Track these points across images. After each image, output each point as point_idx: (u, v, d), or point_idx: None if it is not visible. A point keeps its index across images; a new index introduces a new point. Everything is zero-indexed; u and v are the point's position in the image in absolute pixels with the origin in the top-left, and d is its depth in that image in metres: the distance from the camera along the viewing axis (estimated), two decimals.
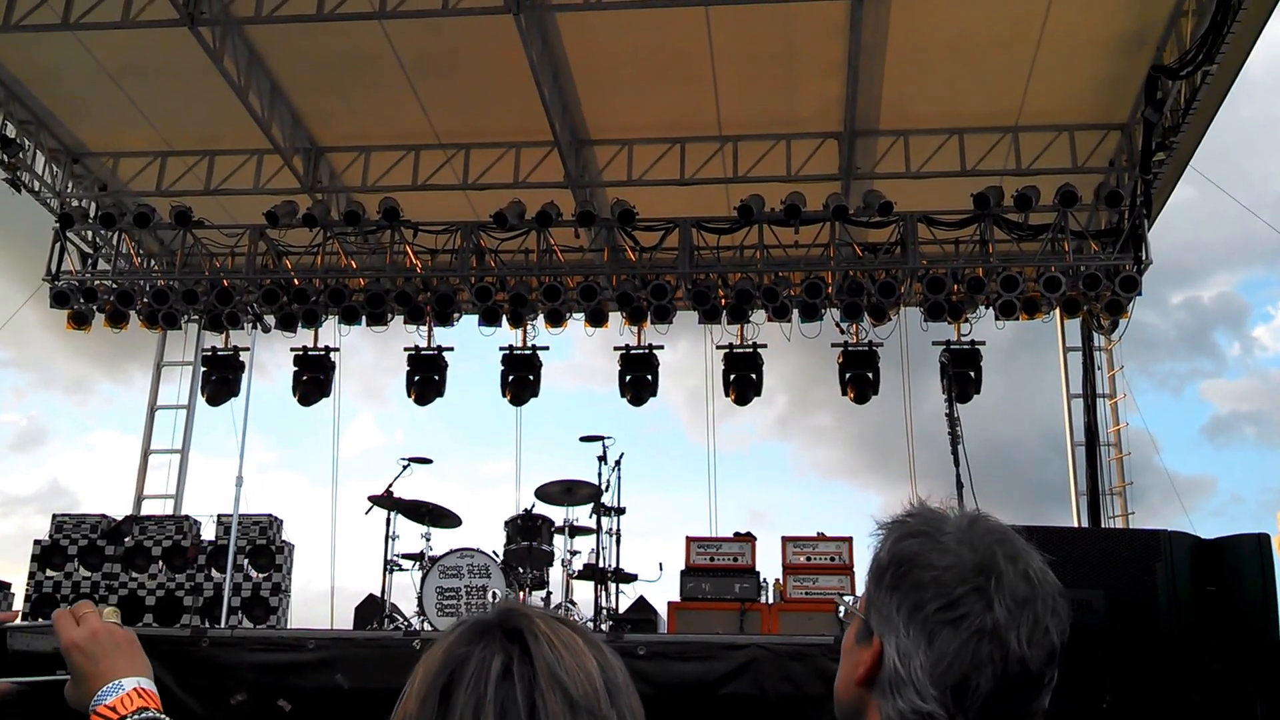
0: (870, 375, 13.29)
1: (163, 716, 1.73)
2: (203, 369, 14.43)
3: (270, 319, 13.86)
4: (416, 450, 12.92)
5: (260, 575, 12.37)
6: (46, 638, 1.97)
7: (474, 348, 13.84)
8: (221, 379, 14.05)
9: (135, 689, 1.76)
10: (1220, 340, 29.38)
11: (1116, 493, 13.82)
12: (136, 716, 1.72)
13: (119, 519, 12.76)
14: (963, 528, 1.69)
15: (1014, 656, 1.58)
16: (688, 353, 14.52)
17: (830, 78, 12.53)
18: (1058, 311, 13.43)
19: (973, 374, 13.04)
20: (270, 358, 14.27)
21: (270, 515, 12.65)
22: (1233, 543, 4.74)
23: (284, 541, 12.62)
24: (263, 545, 12.45)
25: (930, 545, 1.68)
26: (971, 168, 12.96)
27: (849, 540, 11.23)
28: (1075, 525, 13.31)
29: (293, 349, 14.06)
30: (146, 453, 15.49)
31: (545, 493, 11.66)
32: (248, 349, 13.66)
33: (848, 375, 13.33)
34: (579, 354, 16.30)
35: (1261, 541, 4.54)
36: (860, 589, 1.78)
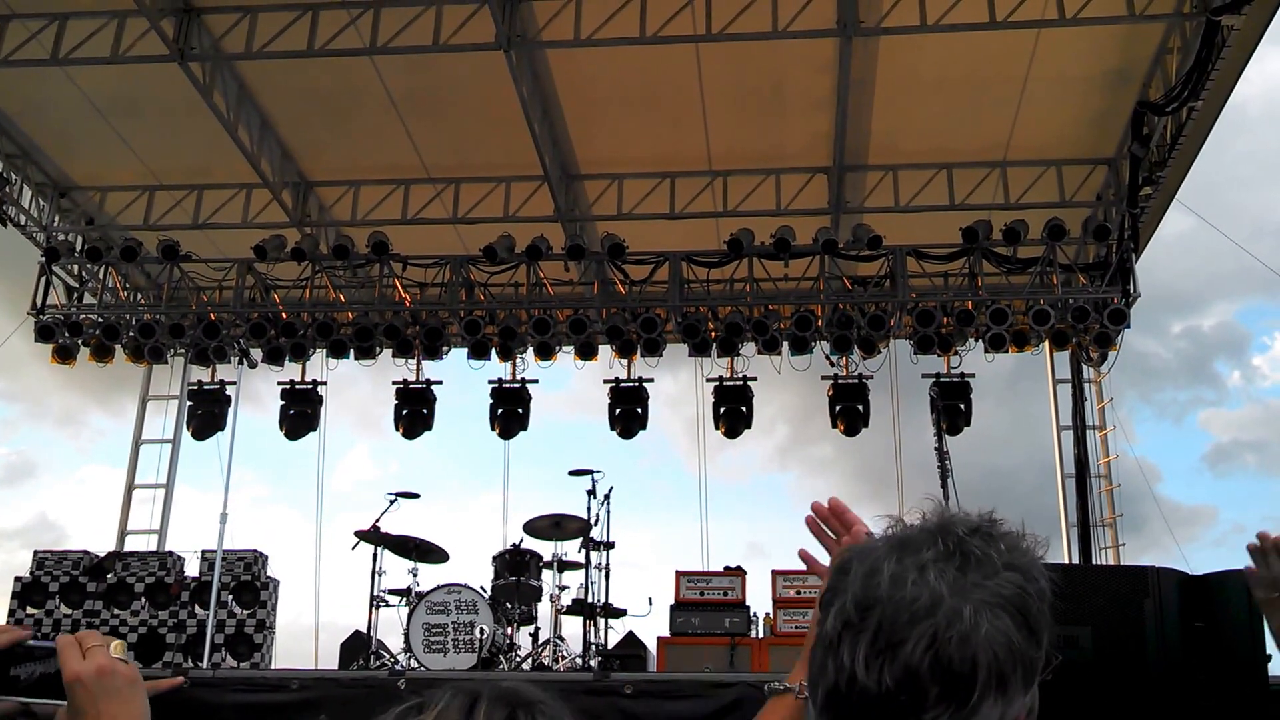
0: (860, 408, 13.25)
1: None
2: (188, 403, 14.34)
3: (257, 353, 13.79)
4: (408, 484, 12.92)
5: (244, 612, 12.24)
6: (44, 663, 1.88)
7: (467, 380, 13.80)
8: (207, 413, 13.95)
9: None
10: (1221, 369, 29.39)
11: (1107, 524, 13.76)
12: None
13: (101, 555, 12.64)
14: (913, 524, 1.55)
15: (845, 672, 1.43)
16: (688, 384, 14.49)
17: (819, 113, 12.58)
18: (1047, 344, 13.41)
19: (963, 406, 13.01)
20: (267, 389, 14.20)
21: (255, 551, 12.54)
22: (1220, 579, 4.67)
23: (269, 577, 12.50)
24: (247, 581, 12.32)
25: (853, 547, 1.59)
26: (960, 202, 12.99)
27: None
28: (1065, 557, 13.27)
29: (280, 383, 13.99)
30: (131, 487, 15.36)
31: (533, 527, 11.61)
32: (234, 383, 13.61)
33: (838, 408, 13.29)
34: (576, 385, 16.22)
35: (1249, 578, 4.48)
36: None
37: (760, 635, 11.16)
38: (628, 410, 13.59)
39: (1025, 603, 1.43)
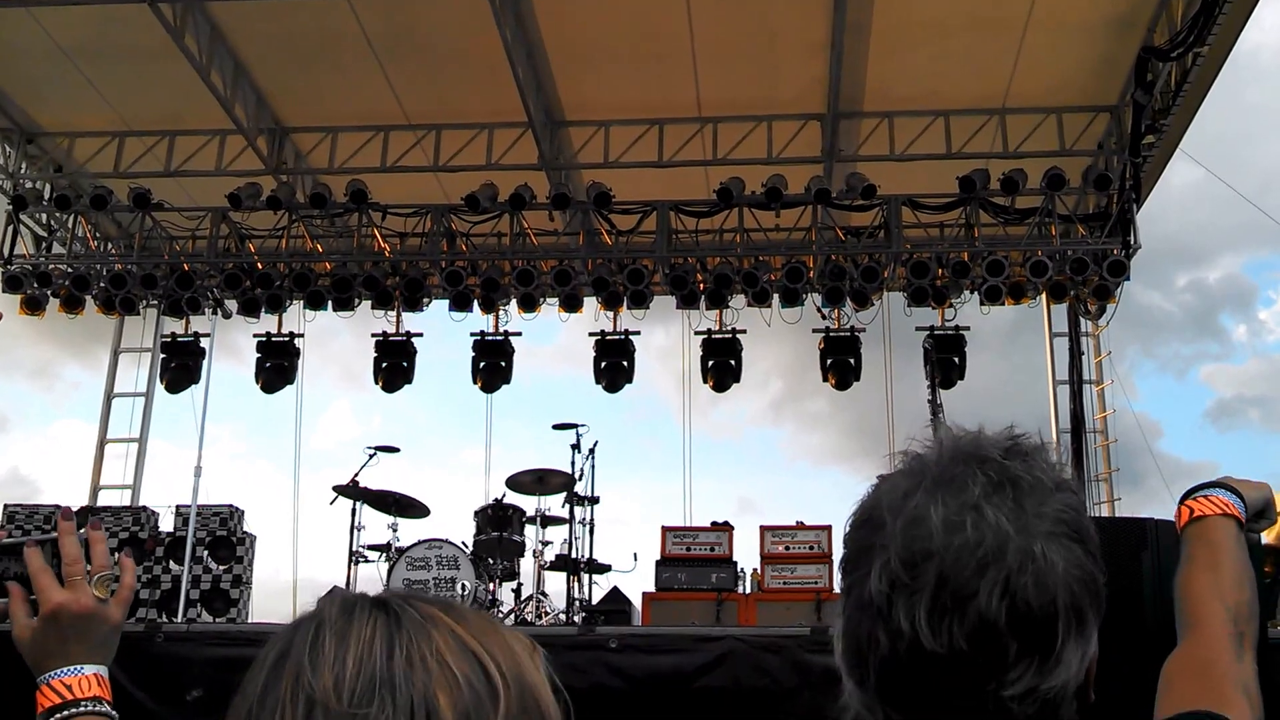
0: (852, 361, 12.95)
1: (115, 713, 1.65)
2: (161, 356, 13.95)
3: (232, 304, 13.41)
4: (389, 438, 12.63)
5: (220, 567, 11.96)
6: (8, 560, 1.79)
7: (449, 333, 13.46)
8: (181, 365, 13.58)
9: (95, 675, 1.67)
10: (1226, 323, 29.11)
11: (1103, 479, 13.52)
12: (92, 705, 1.64)
13: (73, 510, 12.29)
14: (930, 453, 1.35)
15: (905, 638, 1.24)
16: (677, 338, 14.17)
17: (813, 58, 12.17)
18: (1044, 296, 13.11)
19: (957, 359, 12.74)
20: (247, 342, 13.80)
21: (231, 506, 12.28)
22: None
23: (245, 533, 12.22)
24: (223, 537, 12.07)
25: (871, 492, 1.37)
26: (957, 150, 12.62)
27: (828, 529, 11.01)
28: None
29: (256, 335, 13.61)
30: (103, 442, 14.96)
31: (516, 482, 11.39)
32: (208, 335, 13.26)
33: (829, 361, 13.00)
34: (561, 338, 15.81)
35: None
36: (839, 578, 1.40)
37: (747, 591, 10.96)
38: (614, 364, 13.27)
39: (1082, 524, 1.30)
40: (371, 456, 11.42)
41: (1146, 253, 12.41)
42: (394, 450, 11.65)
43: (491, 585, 10.75)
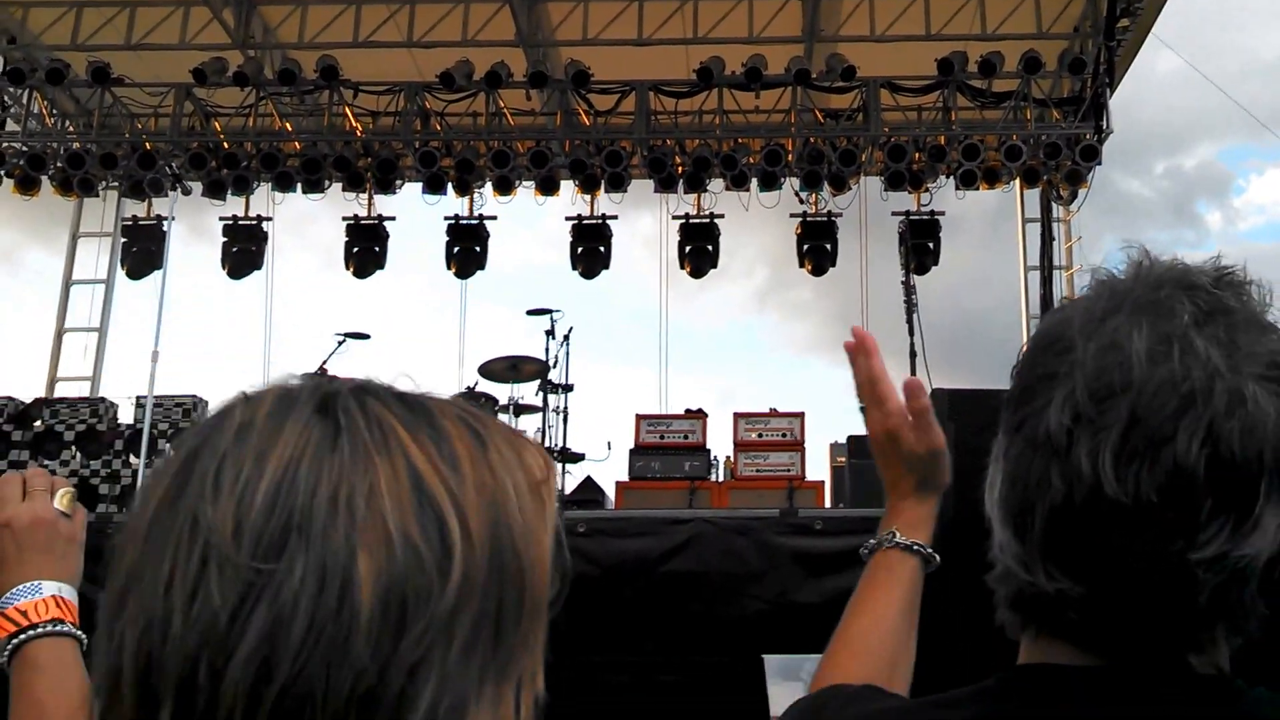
0: (828, 246, 12.97)
1: (78, 632, 1.54)
2: (122, 240, 13.54)
3: (196, 185, 13.03)
4: (360, 325, 12.40)
5: None
6: None
7: (422, 216, 13.19)
8: (143, 250, 13.17)
9: (54, 596, 1.56)
10: (1202, 209, 29.57)
11: None
12: (50, 626, 1.53)
13: (27, 401, 11.93)
14: (1129, 277, 1.17)
15: (1085, 483, 1.07)
16: (654, 224, 14.04)
17: None
18: (1018, 181, 13.22)
19: (931, 245, 12.81)
20: (215, 225, 13.38)
21: (194, 396, 11.91)
22: None
23: None
24: (185, 428, 11.74)
25: (1059, 313, 1.19)
26: (936, 32, 12.62)
27: (801, 415, 10.89)
28: None
29: (222, 218, 13.26)
30: (61, 332, 14.48)
31: (489, 370, 11.20)
32: (171, 218, 12.82)
33: (805, 246, 12.99)
34: (537, 222, 15.42)
35: None
36: (810, 465, 1.25)
37: (720, 479, 10.92)
38: (590, 249, 13.15)
39: None
40: (341, 343, 11.19)
41: (1126, 140, 12.58)
42: (364, 337, 11.40)
43: None
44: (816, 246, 12.99)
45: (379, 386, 0.91)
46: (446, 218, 13.19)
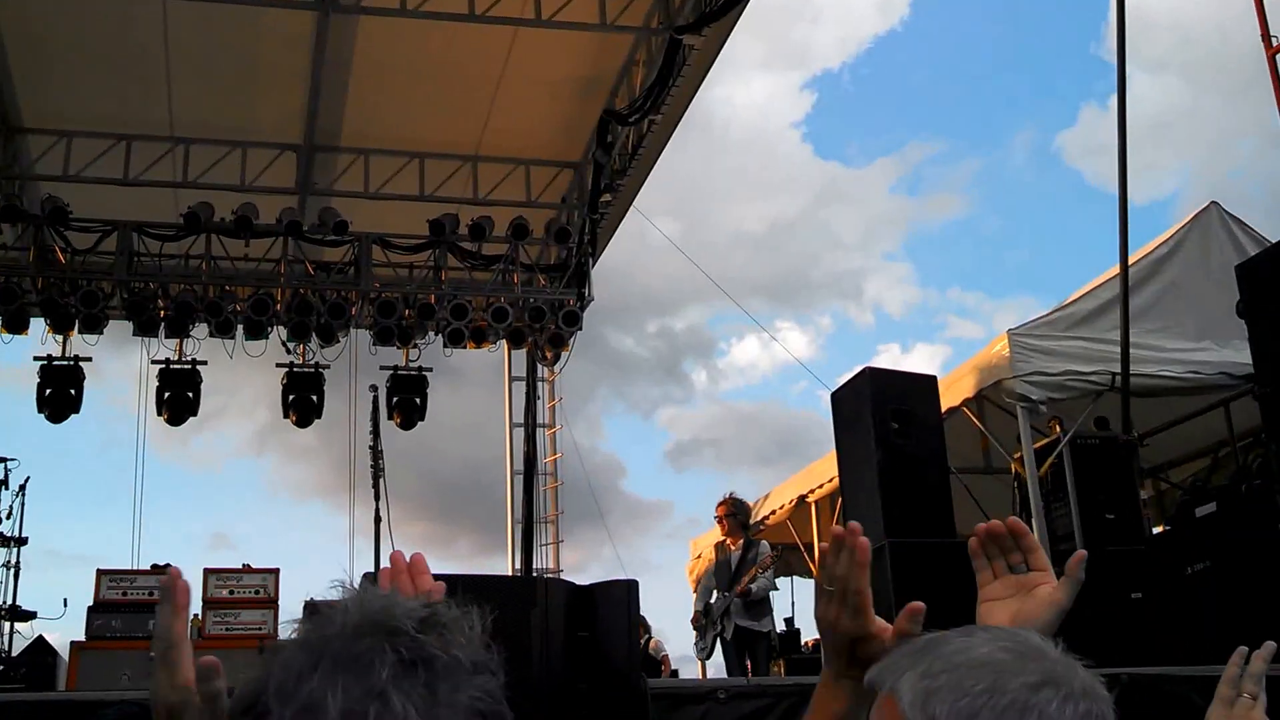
0: (315, 398, 12.86)
1: None
2: None
3: None
4: None
5: None
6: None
7: None
8: None
9: None
10: (688, 369, 31.79)
11: (550, 521, 14.26)
12: None
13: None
14: (335, 623, 1.13)
15: None
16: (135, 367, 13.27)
17: (293, 89, 12.09)
18: (504, 342, 13.70)
19: (418, 400, 13.03)
20: None
21: None
22: (606, 589, 4.87)
23: None
24: None
25: (262, 673, 1.15)
26: (430, 193, 12.99)
27: (276, 571, 10.65)
28: (509, 555, 13.70)
29: None
30: None
31: None
32: None
33: (291, 397, 12.82)
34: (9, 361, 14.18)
35: (630, 588, 4.69)
36: (284, 623, 1.23)
37: (192, 638, 10.46)
38: (60, 392, 12.31)
39: (500, 713, 1.15)
40: None
41: (623, 299, 13.43)
42: None
43: None
44: (303, 397, 12.84)
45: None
46: None
